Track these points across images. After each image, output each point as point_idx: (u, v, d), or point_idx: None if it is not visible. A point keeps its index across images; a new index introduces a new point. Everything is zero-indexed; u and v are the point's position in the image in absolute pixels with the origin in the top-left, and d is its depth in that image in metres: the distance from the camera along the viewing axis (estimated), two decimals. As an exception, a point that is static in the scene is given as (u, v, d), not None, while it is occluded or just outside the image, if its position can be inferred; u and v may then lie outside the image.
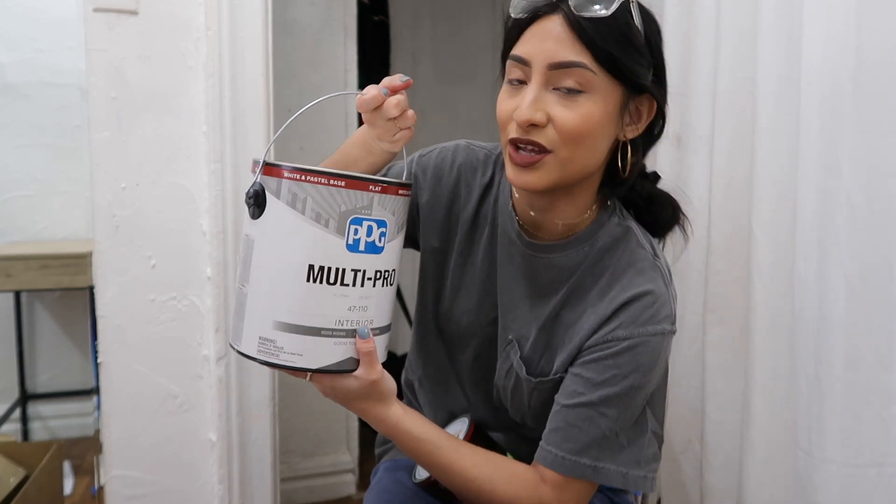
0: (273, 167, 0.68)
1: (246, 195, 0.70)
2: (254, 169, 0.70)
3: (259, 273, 0.70)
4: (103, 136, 1.23)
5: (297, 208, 0.67)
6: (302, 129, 1.97)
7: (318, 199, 0.67)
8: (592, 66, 0.70)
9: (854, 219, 0.99)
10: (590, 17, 0.69)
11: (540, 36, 0.72)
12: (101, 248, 1.25)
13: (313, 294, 0.68)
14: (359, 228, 0.69)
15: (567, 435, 0.76)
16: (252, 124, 1.31)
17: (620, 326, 0.76)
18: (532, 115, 0.71)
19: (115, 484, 1.29)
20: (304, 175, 0.67)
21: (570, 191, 0.78)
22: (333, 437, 2.11)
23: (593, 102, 0.71)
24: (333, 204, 0.67)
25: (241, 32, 1.29)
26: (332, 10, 1.99)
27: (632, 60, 0.72)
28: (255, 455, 1.37)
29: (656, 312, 0.76)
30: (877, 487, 1.00)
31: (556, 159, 0.73)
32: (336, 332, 0.70)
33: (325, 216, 0.67)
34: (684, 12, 1.30)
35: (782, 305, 1.12)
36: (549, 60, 0.71)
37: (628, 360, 0.75)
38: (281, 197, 0.68)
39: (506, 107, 0.75)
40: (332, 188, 0.67)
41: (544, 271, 0.82)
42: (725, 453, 1.25)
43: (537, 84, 0.72)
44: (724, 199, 1.23)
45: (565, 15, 0.70)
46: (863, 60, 0.97)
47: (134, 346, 1.27)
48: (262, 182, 0.69)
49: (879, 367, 0.99)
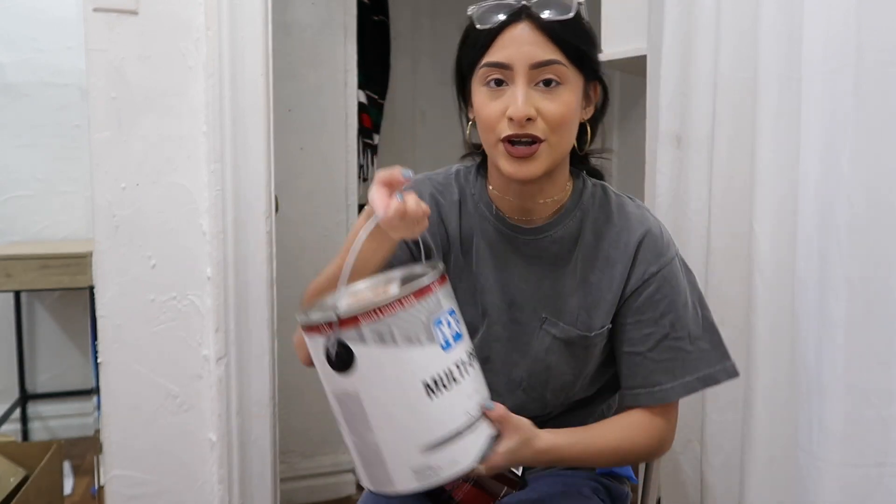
0: (347, 320, 0.68)
1: (326, 357, 0.69)
2: (320, 330, 0.69)
3: (381, 418, 0.70)
4: (103, 136, 1.23)
5: (388, 343, 0.68)
6: (302, 128, 1.98)
7: (401, 324, 0.69)
8: (564, 60, 0.81)
9: (855, 218, 0.99)
10: (557, 19, 0.80)
11: (516, 41, 0.80)
12: (101, 248, 1.25)
13: (439, 405, 0.70)
14: (442, 328, 0.72)
15: (656, 370, 0.88)
16: (252, 124, 1.31)
17: (646, 264, 0.88)
18: (528, 110, 0.80)
19: (115, 484, 1.28)
20: (380, 311, 0.68)
21: (553, 171, 0.87)
22: (333, 437, 2.11)
23: (569, 92, 0.82)
24: (415, 320, 0.69)
25: (241, 32, 1.29)
26: (332, 10, 1.99)
27: (590, 51, 0.85)
28: (254, 455, 1.37)
29: (661, 241, 0.90)
30: (877, 487, 1.00)
31: (549, 146, 0.82)
32: (471, 423, 0.73)
33: (415, 334, 0.69)
34: (684, 12, 1.30)
35: (783, 305, 1.12)
36: (530, 61, 0.80)
37: (668, 285, 0.88)
38: (368, 342, 0.68)
39: (492, 108, 0.82)
40: (408, 309, 0.69)
41: (550, 247, 0.91)
42: (726, 453, 1.25)
43: (523, 83, 0.80)
44: (724, 199, 1.23)
45: (533, 21, 0.80)
46: (863, 60, 0.97)
47: (134, 346, 1.27)
48: (340, 338, 0.68)
49: (880, 367, 0.99)
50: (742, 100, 1.19)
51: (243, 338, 1.34)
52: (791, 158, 1.10)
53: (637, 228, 0.89)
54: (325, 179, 2.03)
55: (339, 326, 0.68)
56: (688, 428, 1.36)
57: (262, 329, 1.36)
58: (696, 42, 1.27)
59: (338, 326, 0.68)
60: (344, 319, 0.67)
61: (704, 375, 0.89)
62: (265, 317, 1.36)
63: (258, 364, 1.36)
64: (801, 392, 1.07)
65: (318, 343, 0.70)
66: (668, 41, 1.33)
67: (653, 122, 1.43)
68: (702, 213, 1.29)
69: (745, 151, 1.19)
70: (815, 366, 1.04)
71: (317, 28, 1.97)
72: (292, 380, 1.97)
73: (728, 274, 1.23)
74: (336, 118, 2.02)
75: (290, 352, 2.02)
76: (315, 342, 0.70)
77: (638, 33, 1.52)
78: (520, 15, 0.80)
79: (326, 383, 0.73)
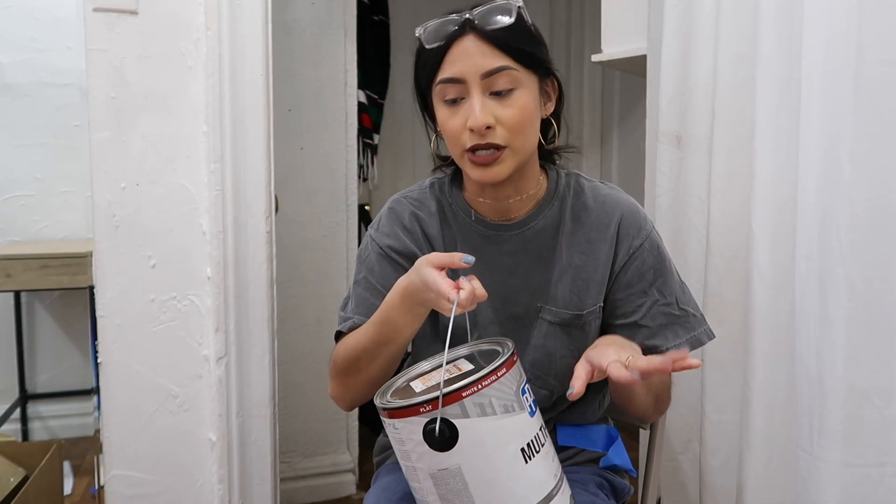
0: (449, 395, 0.70)
1: (429, 438, 0.70)
2: (418, 411, 0.71)
3: (483, 489, 0.72)
4: (103, 135, 1.23)
5: (488, 414, 0.71)
6: (302, 128, 1.98)
7: (498, 395, 0.72)
8: (514, 65, 0.84)
9: (855, 218, 0.99)
10: (500, 27, 0.83)
11: (464, 55, 0.84)
12: (101, 248, 1.25)
13: (535, 469, 0.74)
14: (527, 395, 0.75)
15: (658, 334, 0.92)
16: (252, 124, 1.31)
17: (630, 238, 0.93)
18: (485, 119, 0.83)
19: (115, 484, 1.28)
20: (481, 383, 0.71)
21: (523, 169, 0.91)
22: (333, 437, 2.11)
23: (524, 95, 0.85)
24: (508, 390, 0.73)
25: (240, 32, 1.29)
26: (332, 9, 1.99)
27: (539, 51, 0.87)
28: (254, 455, 1.37)
29: (639, 215, 0.95)
30: (878, 487, 1.00)
31: (511, 151, 0.86)
32: (558, 485, 0.76)
33: (510, 403, 0.73)
34: (684, 12, 1.30)
35: (782, 305, 1.12)
36: (481, 71, 0.83)
37: (651, 256, 0.93)
38: (471, 414, 0.70)
39: (454, 122, 0.86)
40: (502, 380, 0.72)
41: (534, 239, 0.95)
42: (725, 454, 1.25)
43: (478, 94, 0.84)
44: (724, 198, 1.23)
45: (478, 32, 0.83)
46: (863, 60, 0.97)
47: (134, 345, 1.27)
48: (444, 416, 0.70)
49: (881, 367, 0.99)
50: (742, 100, 1.19)
51: (243, 338, 1.34)
52: (791, 158, 1.10)
53: (614, 208, 0.94)
54: (325, 179, 2.03)
55: (444, 404, 0.70)
56: (687, 428, 1.36)
57: (262, 329, 1.36)
58: (696, 42, 1.27)
59: (443, 404, 0.69)
60: (447, 396, 0.70)
61: (691, 338, 0.93)
62: (265, 317, 1.36)
63: (258, 364, 1.36)
64: (801, 392, 1.07)
65: (413, 425, 0.71)
66: (668, 41, 1.33)
67: (653, 122, 1.43)
68: (701, 212, 1.29)
69: (744, 151, 1.19)
70: (815, 366, 1.04)
71: (317, 28, 1.97)
72: (292, 380, 1.97)
73: (727, 274, 1.23)
74: (336, 118, 2.02)
75: (290, 352, 2.03)
76: (410, 425, 0.72)
77: (638, 33, 1.52)
78: (464, 29, 0.84)
79: (421, 463, 0.73)
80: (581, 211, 0.95)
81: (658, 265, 0.93)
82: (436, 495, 0.74)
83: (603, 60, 1.62)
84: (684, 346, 0.92)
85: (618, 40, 1.59)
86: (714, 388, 1.25)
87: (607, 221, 0.93)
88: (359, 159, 2.23)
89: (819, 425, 1.03)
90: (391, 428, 0.75)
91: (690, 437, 1.36)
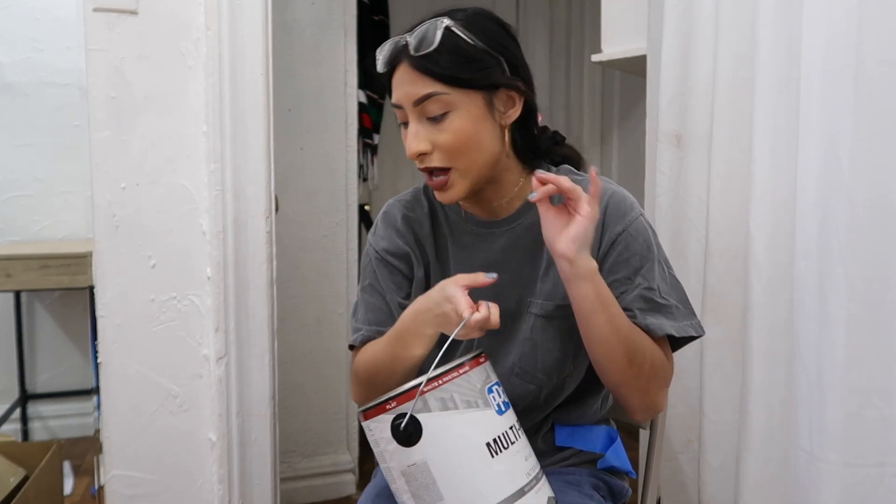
0: (410, 390, 0.75)
1: (396, 434, 0.75)
2: (385, 408, 0.76)
3: (452, 483, 0.75)
4: (103, 135, 1.23)
5: (450, 408, 0.75)
6: (302, 128, 1.97)
7: (460, 391, 0.76)
8: (443, 89, 0.84)
9: (854, 218, 0.99)
10: (424, 54, 0.83)
11: (400, 83, 0.86)
12: (101, 248, 1.25)
13: (502, 465, 0.76)
14: (494, 395, 0.78)
15: (647, 319, 0.88)
16: (252, 124, 1.31)
17: (613, 225, 0.90)
18: (417, 146, 0.86)
19: (115, 484, 1.28)
20: (441, 378, 0.75)
21: (493, 179, 0.92)
22: (333, 437, 2.12)
23: (459, 116, 0.85)
24: (472, 387, 0.77)
25: (240, 32, 1.29)
26: (332, 9, 1.99)
27: (472, 70, 0.85)
28: (254, 455, 1.37)
29: (624, 203, 0.91)
30: (878, 487, 1.00)
31: (458, 173, 0.87)
32: (532, 483, 0.78)
33: (473, 399, 0.76)
34: (684, 12, 1.30)
35: (781, 305, 1.12)
36: (411, 99, 0.85)
37: (635, 243, 0.89)
38: (433, 408, 0.75)
39: (407, 146, 0.88)
40: (464, 376, 0.76)
41: (524, 234, 0.95)
42: (724, 453, 1.25)
43: (414, 120, 0.86)
44: (723, 198, 1.23)
45: (408, 60, 0.85)
46: (863, 60, 0.97)
47: (134, 345, 1.27)
48: (407, 410, 0.75)
49: (880, 367, 0.99)
50: (742, 100, 1.19)
51: (243, 337, 1.34)
52: (790, 158, 1.10)
53: (601, 198, 0.90)
54: (325, 179, 2.03)
55: (407, 399, 0.74)
56: (687, 428, 1.36)
57: (262, 329, 1.36)
58: (696, 42, 1.28)
59: (403, 399, 0.74)
60: (407, 391, 0.74)
61: (678, 326, 0.89)
62: (265, 316, 1.36)
63: (258, 364, 1.36)
64: (801, 392, 1.07)
65: (382, 423, 0.75)
66: (667, 41, 1.33)
67: (653, 122, 1.43)
68: (701, 212, 1.29)
69: (744, 151, 1.19)
70: (815, 366, 1.04)
71: (317, 28, 1.97)
72: (292, 379, 1.97)
73: (727, 273, 1.23)
74: (336, 118, 2.02)
75: (290, 352, 2.02)
76: (380, 424, 0.76)
77: (638, 33, 1.52)
78: (400, 55, 0.86)
79: (393, 461, 0.77)
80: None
81: (643, 252, 0.90)
82: (409, 493, 0.76)
83: (603, 60, 1.62)
84: (670, 331, 0.88)
85: (618, 40, 1.59)
86: (713, 387, 1.25)
87: None
88: (359, 159, 2.23)
89: (818, 425, 1.03)
90: (367, 431, 0.78)
91: (690, 437, 1.36)
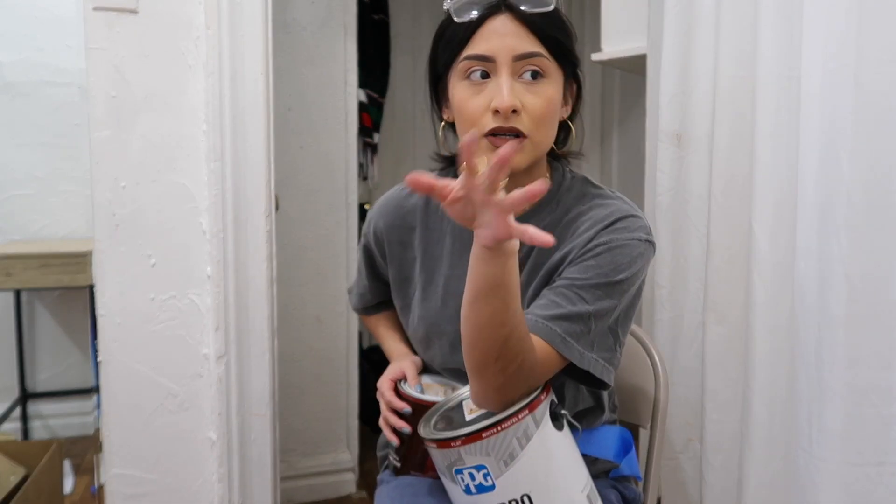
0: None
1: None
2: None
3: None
4: (103, 134, 1.23)
5: (437, 465, 0.82)
6: (302, 127, 1.97)
7: (436, 458, 0.80)
8: (547, 54, 0.80)
9: (855, 217, 0.99)
10: (537, 11, 0.79)
11: (498, 33, 0.79)
12: (101, 247, 1.25)
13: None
14: (463, 476, 0.77)
15: (546, 305, 0.81)
16: (252, 123, 1.31)
17: (602, 234, 0.83)
18: (514, 101, 0.78)
19: (115, 483, 1.28)
20: (424, 441, 0.80)
21: (530, 169, 0.85)
22: (333, 436, 2.12)
23: (552, 87, 0.82)
24: (441, 461, 0.79)
25: (240, 31, 1.29)
26: (332, 8, 1.99)
27: (571, 44, 0.84)
28: (254, 454, 1.37)
29: (632, 225, 0.84)
30: (878, 486, 1.00)
31: (531, 143, 0.81)
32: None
33: (442, 470, 0.80)
34: (684, 11, 1.30)
35: (782, 304, 1.12)
36: (513, 53, 0.79)
37: (607, 260, 0.81)
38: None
39: (475, 102, 0.81)
40: (434, 450, 0.78)
41: None
42: (725, 453, 1.25)
43: (507, 75, 0.79)
44: (724, 198, 1.23)
45: (514, 13, 0.79)
46: (863, 59, 0.97)
47: (134, 344, 1.27)
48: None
49: (880, 366, 0.99)
50: (742, 98, 1.19)
51: (243, 337, 1.34)
52: (790, 157, 1.10)
53: (611, 215, 0.84)
54: (325, 178, 2.03)
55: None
56: (688, 427, 1.36)
57: (262, 328, 1.36)
58: (696, 41, 1.27)
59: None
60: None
61: (570, 342, 0.79)
62: (265, 316, 1.36)
63: (258, 363, 1.36)
64: (801, 391, 1.07)
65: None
66: (668, 40, 1.33)
67: (653, 121, 1.43)
68: (702, 211, 1.29)
69: (744, 150, 1.19)
70: (815, 365, 1.04)
71: (317, 27, 1.97)
72: (292, 379, 1.97)
73: (727, 273, 1.23)
74: (336, 117, 2.02)
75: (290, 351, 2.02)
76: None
77: (638, 32, 1.52)
78: (499, 7, 0.80)
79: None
80: (577, 216, 0.87)
81: (608, 273, 0.80)
82: None
83: (603, 59, 1.62)
84: (563, 350, 0.78)
85: (618, 39, 1.59)
86: (714, 387, 1.25)
87: (598, 226, 0.84)
88: (359, 158, 2.23)
89: (819, 424, 1.03)
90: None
91: (691, 436, 1.36)
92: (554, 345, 0.78)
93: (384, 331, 1.11)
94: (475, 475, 0.75)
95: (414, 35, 2.94)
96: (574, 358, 0.79)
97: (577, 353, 0.79)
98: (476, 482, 0.75)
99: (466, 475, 0.76)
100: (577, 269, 0.81)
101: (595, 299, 0.80)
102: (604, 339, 0.82)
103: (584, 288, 0.80)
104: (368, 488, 2.15)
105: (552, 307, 0.80)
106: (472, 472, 0.75)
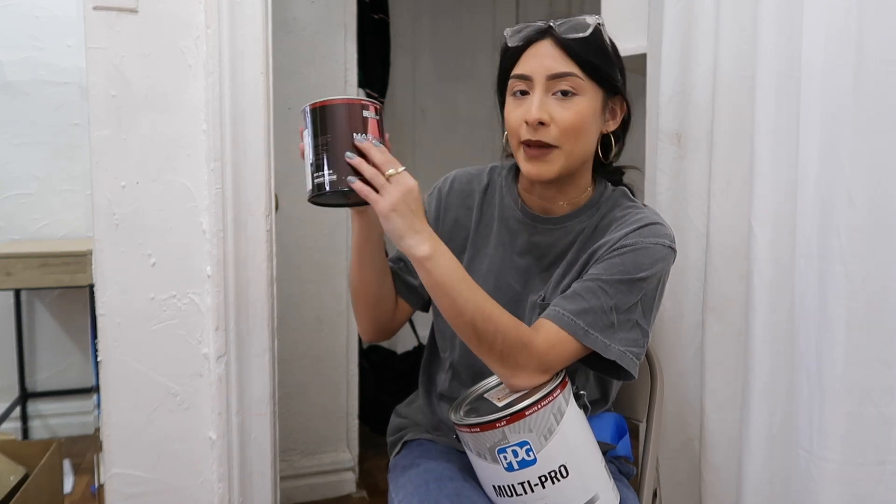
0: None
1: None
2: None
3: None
4: (103, 134, 1.23)
5: (470, 450, 0.90)
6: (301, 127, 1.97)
7: (472, 443, 0.88)
8: (580, 74, 0.92)
9: (855, 217, 0.99)
10: (574, 37, 0.91)
11: (537, 56, 0.93)
12: (101, 247, 1.25)
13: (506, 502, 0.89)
14: (506, 455, 0.85)
15: (571, 300, 0.91)
16: (252, 122, 1.31)
17: (629, 237, 0.93)
18: (539, 114, 0.90)
19: (115, 482, 1.28)
20: (460, 428, 0.88)
21: (573, 176, 0.98)
22: (333, 436, 2.12)
23: (584, 103, 0.92)
24: (482, 444, 0.87)
25: (240, 31, 1.29)
26: (332, 8, 1.99)
27: (608, 68, 0.94)
28: (255, 453, 1.37)
29: (658, 231, 0.94)
30: (878, 485, 1.00)
31: (562, 153, 0.93)
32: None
33: (482, 452, 0.87)
34: (684, 10, 1.30)
35: (782, 304, 1.12)
36: (547, 72, 0.91)
37: (631, 259, 0.91)
38: (461, 442, 0.92)
39: (515, 114, 0.94)
40: (477, 434, 0.86)
41: (564, 238, 1.01)
42: (725, 452, 1.25)
43: (540, 91, 0.92)
44: (724, 197, 1.23)
45: (554, 38, 0.92)
46: (863, 59, 0.97)
47: (134, 344, 1.27)
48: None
49: (880, 365, 0.99)
50: (742, 98, 1.19)
51: (243, 336, 1.34)
52: (790, 157, 1.10)
53: (638, 222, 0.95)
54: (325, 178, 2.02)
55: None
56: (687, 426, 1.36)
57: (262, 327, 1.35)
58: (696, 40, 1.27)
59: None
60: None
61: (591, 334, 0.89)
62: (265, 315, 1.36)
63: (258, 362, 1.36)
64: (802, 390, 1.07)
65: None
66: (667, 39, 1.33)
67: (652, 121, 1.43)
68: (701, 210, 1.29)
69: (744, 150, 1.19)
70: (815, 364, 1.04)
71: (317, 26, 1.97)
72: (292, 378, 1.97)
73: (727, 272, 1.23)
74: (336, 117, 2.01)
75: (290, 350, 2.02)
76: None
77: (638, 31, 1.52)
78: (543, 34, 0.93)
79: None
80: (611, 222, 0.98)
81: (630, 271, 0.90)
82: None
83: (603, 59, 1.62)
84: (586, 336, 0.89)
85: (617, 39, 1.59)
86: (714, 386, 1.26)
87: (624, 229, 0.95)
88: (359, 158, 2.23)
89: (819, 423, 1.03)
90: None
91: (690, 435, 1.36)
92: (577, 336, 0.89)
93: None
94: (518, 452, 0.84)
95: (414, 35, 2.94)
96: (599, 348, 0.89)
97: (603, 345, 0.89)
98: (519, 458, 0.84)
99: (510, 452, 0.84)
100: (603, 266, 0.92)
101: (616, 293, 0.90)
102: (629, 332, 0.92)
103: (607, 283, 0.90)
104: (368, 488, 2.15)
105: (576, 300, 0.90)
106: (516, 448, 0.84)
